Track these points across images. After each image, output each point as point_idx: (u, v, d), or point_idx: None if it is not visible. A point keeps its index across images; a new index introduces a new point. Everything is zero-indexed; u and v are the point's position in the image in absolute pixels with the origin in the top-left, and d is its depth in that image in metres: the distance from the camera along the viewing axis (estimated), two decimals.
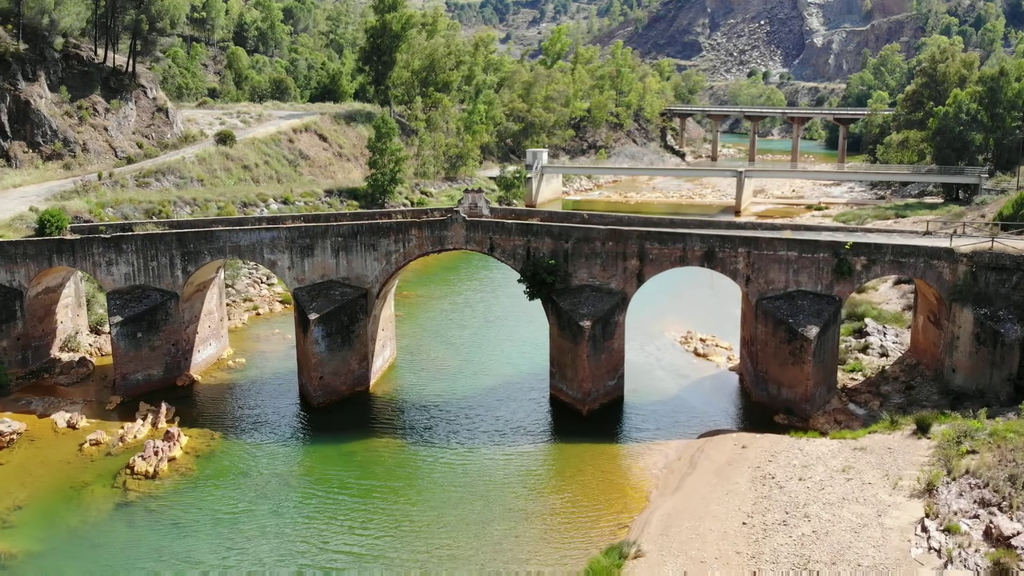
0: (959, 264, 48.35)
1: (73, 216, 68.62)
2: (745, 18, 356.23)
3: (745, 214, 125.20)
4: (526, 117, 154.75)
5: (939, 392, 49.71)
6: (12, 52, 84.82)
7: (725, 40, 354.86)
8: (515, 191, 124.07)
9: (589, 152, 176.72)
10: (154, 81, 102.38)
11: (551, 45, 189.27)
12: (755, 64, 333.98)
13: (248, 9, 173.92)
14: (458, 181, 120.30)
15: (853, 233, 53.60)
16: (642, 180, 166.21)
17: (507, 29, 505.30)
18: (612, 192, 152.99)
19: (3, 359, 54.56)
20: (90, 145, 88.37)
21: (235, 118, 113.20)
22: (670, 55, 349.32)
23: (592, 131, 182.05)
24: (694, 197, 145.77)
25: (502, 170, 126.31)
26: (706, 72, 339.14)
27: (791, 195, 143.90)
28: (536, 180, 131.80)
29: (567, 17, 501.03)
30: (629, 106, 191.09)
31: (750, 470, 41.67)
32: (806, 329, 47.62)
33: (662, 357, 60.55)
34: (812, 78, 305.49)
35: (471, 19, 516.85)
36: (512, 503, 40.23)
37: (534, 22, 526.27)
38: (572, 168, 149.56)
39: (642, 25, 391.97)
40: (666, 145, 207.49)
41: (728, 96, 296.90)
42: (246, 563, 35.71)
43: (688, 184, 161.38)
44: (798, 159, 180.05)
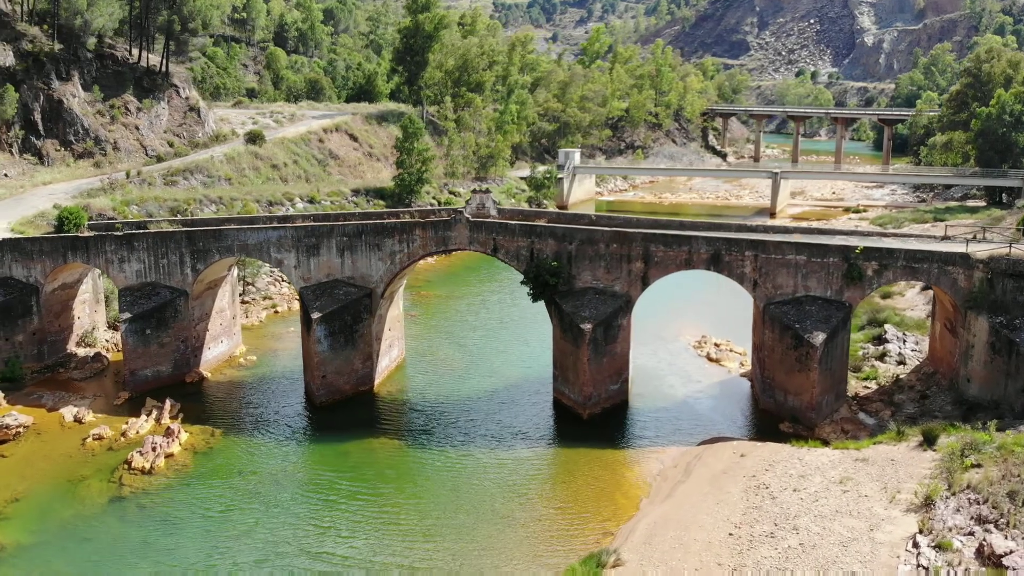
0: (975, 270, 46.67)
1: (97, 214, 70.10)
2: (795, 17, 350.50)
3: (780, 216, 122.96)
4: (561, 117, 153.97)
5: (953, 402, 48.08)
6: (47, 52, 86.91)
7: (774, 39, 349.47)
8: (545, 191, 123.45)
9: (627, 152, 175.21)
10: (187, 81, 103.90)
11: (590, 45, 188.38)
12: (804, 64, 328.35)
13: (289, 10, 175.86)
14: (488, 181, 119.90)
15: (868, 237, 52.16)
16: (680, 181, 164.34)
17: (554, 29, 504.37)
18: (647, 193, 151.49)
19: (19, 353, 55.72)
20: (121, 144, 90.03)
21: (268, 118, 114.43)
22: (717, 54, 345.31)
23: (630, 131, 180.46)
24: (730, 198, 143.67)
25: (532, 170, 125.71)
26: (753, 72, 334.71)
27: (831, 197, 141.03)
28: (568, 180, 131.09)
29: (615, 16, 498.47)
30: (669, 106, 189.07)
31: (745, 479, 40.69)
32: (812, 335, 46.38)
33: (673, 361, 59.57)
34: (862, 78, 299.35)
35: (518, 19, 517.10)
36: (499, 508, 39.80)
37: (581, 21, 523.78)
38: (604, 168, 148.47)
39: (689, 24, 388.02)
40: (707, 145, 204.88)
41: (775, 96, 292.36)
42: (226, 562, 35.82)
43: (726, 185, 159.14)
44: (842, 160, 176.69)
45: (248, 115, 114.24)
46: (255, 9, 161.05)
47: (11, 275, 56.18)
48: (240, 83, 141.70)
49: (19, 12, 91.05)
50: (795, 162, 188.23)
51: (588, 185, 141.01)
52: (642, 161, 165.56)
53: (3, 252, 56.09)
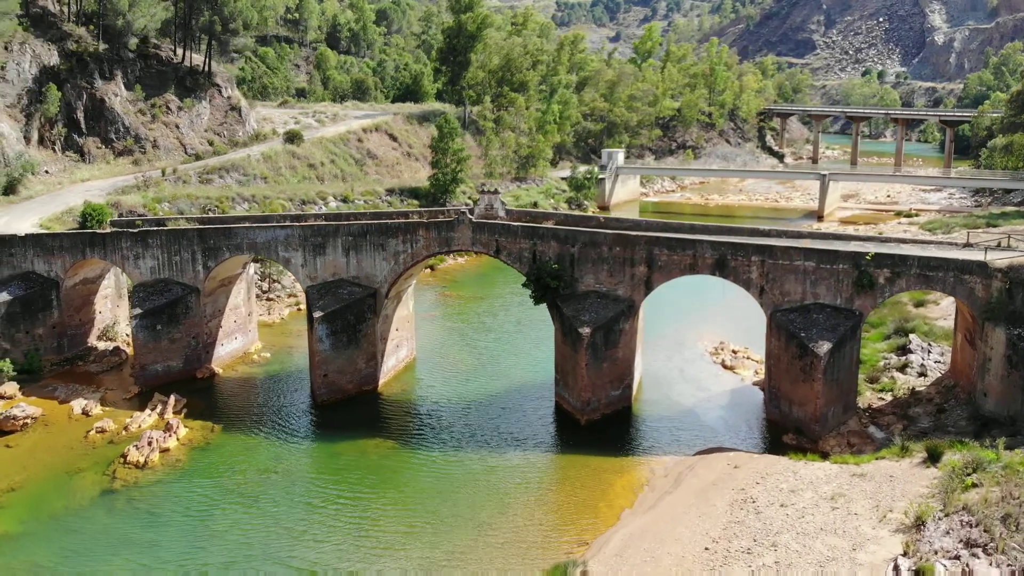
0: (993, 280, 44.41)
1: (127, 210, 71.65)
2: (863, 15, 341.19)
3: (828, 220, 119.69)
4: (608, 116, 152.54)
5: (968, 417, 45.89)
6: (91, 52, 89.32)
7: (840, 38, 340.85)
8: (586, 192, 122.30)
9: (678, 152, 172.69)
10: (230, 80, 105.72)
11: (642, 43, 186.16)
12: (871, 63, 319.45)
13: (342, 11, 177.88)
14: (528, 182, 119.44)
15: (886, 243, 50.06)
16: (732, 182, 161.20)
17: (617, 28, 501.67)
18: (695, 194, 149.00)
19: (39, 346, 57.18)
20: (160, 142, 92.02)
21: (310, 117, 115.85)
22: (781, 53, 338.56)
23: (682, 131, 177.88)
24: (780, 201, 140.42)
25: (572, 170, 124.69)
26: (819, 71, 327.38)
27: (885, 201, 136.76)
28: (610, 181, 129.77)
29: (679, 15, 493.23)
30: (723, 105, 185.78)
31: (733, 492, 39.39)
32: (817, 345, 44.71)
33: (685, 368, 58.22)
34: (931, 78, 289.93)
35: (580, 18, 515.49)
36: (479, 514, 39.24)
37: (645, 20, 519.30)
38: (648, 169, 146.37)
39: (753, 22, 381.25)
40: (764, 146, 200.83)
41: (840, 96, 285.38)
42: (196, 562, 35.94)
43: (778, 187, 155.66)
44: (902, 162, 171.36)
45: (291, 115, 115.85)
46: (307, 10, 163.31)
47: (33, 270, 57.70)
48: (289, 83, 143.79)
49: (67, 13, 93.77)
50: (854, 164, 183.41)
51: (632, 186, 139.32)
52: (692, 161, 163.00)
53: (26, 247, 57.63)
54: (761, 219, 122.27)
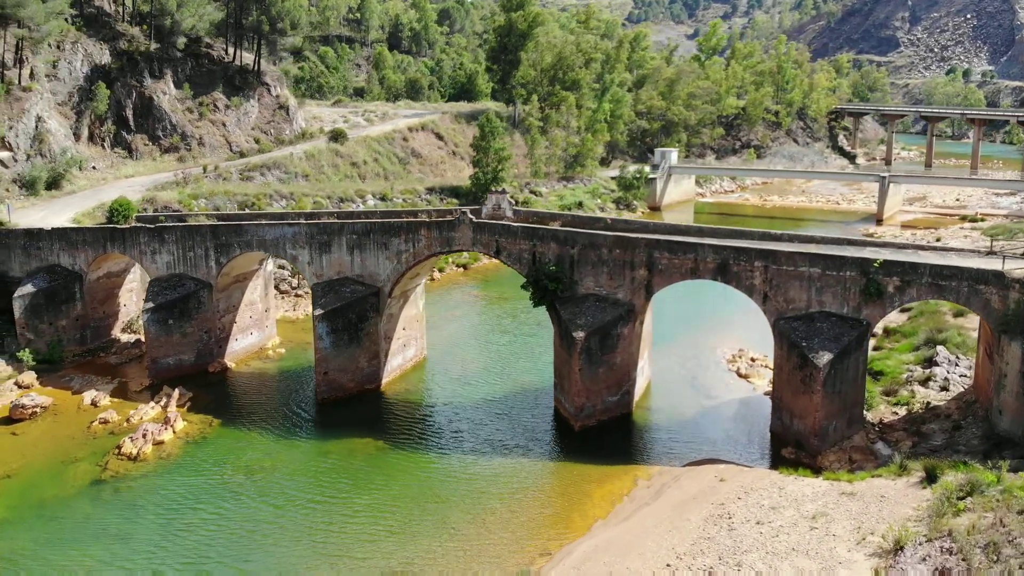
0: (1010, 290, 41.71)
1: (162, 206, 73.40)
2: (950, 11, 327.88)
3: (888, 223, 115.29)
4: (666, 115, 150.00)
5: (982, 436, 43.25)
6: (141, 51, 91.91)
7: (926, 35, 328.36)
8: (635, 192, 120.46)
9: (741, 152, 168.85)
10: (280, 79, 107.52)
11: (706, 40, 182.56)
12: (957, 61, 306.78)
13: (405, 10, 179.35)
14: (575, 181, 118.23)
15: (902, 250, 47.58)
16: (796, 183, 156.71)
17: (696, 25, 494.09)
18: (754, 195, 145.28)
19: (62, 337, 58.88)
20: (206, 140, 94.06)
21: (360, 116, 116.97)
22: (863, 51, 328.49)
23: (747, 130, 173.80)
24: (841, 203, 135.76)
25: (622, 170, 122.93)
26: (902, 69, 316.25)
27: (953, 204, 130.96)
28: (662, 181, 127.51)
29: (761, 12, 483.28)
30: (791, 104, 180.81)
31: (712, 506, 37.90)
32: (817, 355, 42.69)
33: (699, 375, 56.51)
34: (1019, 77, 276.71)
35: (658, 15, 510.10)
36: (450, 519, 38.62)
37: (725, 17, 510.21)
38: (701, 168, 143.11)
39: (835, 19, 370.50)
40: (836, 146, 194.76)
41: (923, 95, 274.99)
42: (161, 555, 36.26)
43: (844, 188, 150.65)
44: (979, 164, 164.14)
45: (341, 114, 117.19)
46: (369, 10, 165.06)
47: (58, 263, 59.49)
48: (347, 83, 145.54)
49: (121, 13, 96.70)
50: (928, 165, 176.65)
51: (686, 186, 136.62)
52: (754, 161, 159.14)
53: (52, 241, 59.44)
54: (816, 221, 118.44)
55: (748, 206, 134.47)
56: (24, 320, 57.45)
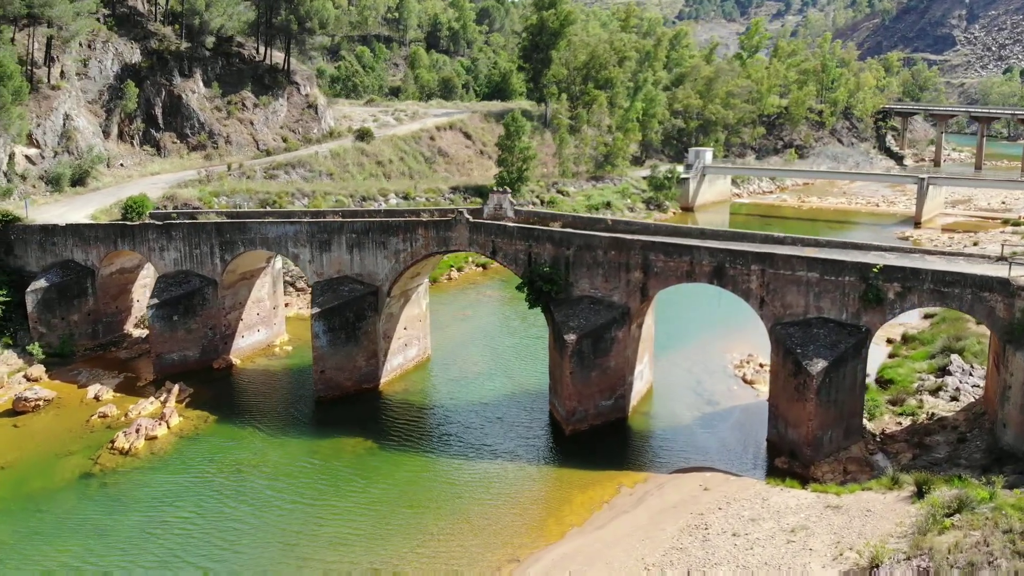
0: (1016, 298, 39.90)
1: (182, 203, 74.30)
2: (1008, 9, 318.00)
3: (927, 226, 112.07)
4: (704, 114, 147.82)
5: (985, 450, 41.52)
6: (171, 51, 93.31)
7: (983, 33, 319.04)
8: (666, 192, 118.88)
9: (783, 151, 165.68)
10: (310, 79, 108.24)
11: (748, 38, 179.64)
12: (1015, 60, 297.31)
13: (444, 10, 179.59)
14: (604, 181, 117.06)
15: (909, 255, 45.88)
16: (840, 184, 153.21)
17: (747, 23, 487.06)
18: (793, 196, 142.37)
19: (74, 331, 59.89)
20: (234, 138, 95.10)
21: (390, 115, 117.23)
22: (918, 49, 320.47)
23: (789, 129, 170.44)
24: (880, 205, 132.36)
25: (652, 170, 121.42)
26: (958, 68, 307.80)
27: (999, 207, 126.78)
28: (695, 181, 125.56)
29: (815, 9, 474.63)
30: (836, 103, 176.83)
31: (691, 516, 36.94)
32: (811, 362, 41.35)
33: (703, 380, 55.30)
34: None
35: (710, 13, 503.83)
36: (424, 523, 38.24)
37: (778, 15, 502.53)
38: (735, 168, 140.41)
39: (889, 17, 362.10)
40: (883, 147, 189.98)
41: (979, 94, 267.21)
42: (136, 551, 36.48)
43: (887, 190, 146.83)
44: None
45: (371, 113, 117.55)
46: (407, 9, 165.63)
47: (72, 258, 60.52)
48: (382, 82, 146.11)
49: (154, 12, 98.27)
50: (979, 167, 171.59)
51: (721, 186, 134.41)
52: (794, 162, 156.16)
53: (66, 237, 60.50)
54: (851, 224, 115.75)
55: (785, 207, 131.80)
56: (36, 314, 58.57)
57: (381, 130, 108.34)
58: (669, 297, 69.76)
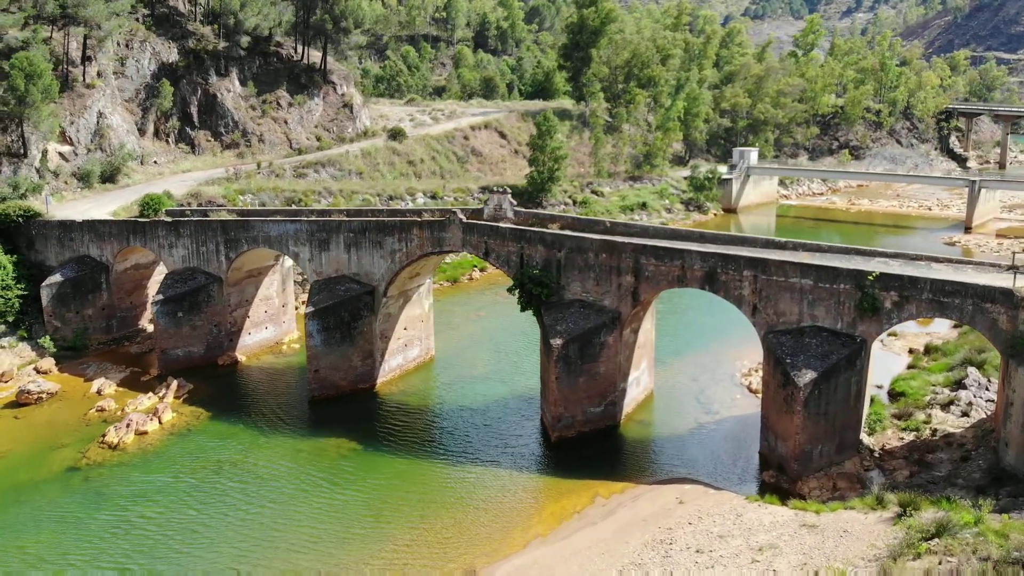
0: (1019, 310, 37.57)
1: (206, 201, 75.24)
2: None
3: (978, 231, 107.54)
4: (753, 113, 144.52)
5: (986, 470, 39.26)
6: (207, 50, 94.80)
7: None
8: (707, 193, 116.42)
9: (839, 152, 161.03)
10: (346, 78, 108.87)
11: (803, 36, 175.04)
12: None
13: (493, 8, 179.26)
14: (642, 181, 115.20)
15: (914, 262, 43.64)
16: (896, 186, 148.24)
17: None
18: (843, 198, 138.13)
19: (88, 325, 61.05)
20: (267, 136, 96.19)
21: (426, 115, 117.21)
22: (991, 48, 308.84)
23: (845, 129, 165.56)
24: (932, 208, 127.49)
25: (693, 170, 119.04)
26: None
27: None
28: (738, 182, 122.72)
29: (887, 6, 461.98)
30: (895, 103, 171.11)
31: (658, 530, 35.64)
32: (799, 373, 39.60)
33: (707, 388, 53.62)
34: None
35: (777, 11, 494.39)
36: (388, 528, 37.69)
37: (847, 12, 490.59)
38: (781, 169, 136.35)
39: (962, 15, 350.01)
40: (946, 148, 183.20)
41: None
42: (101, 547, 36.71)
43: (943, 193, 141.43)
44: None
45: (408, 112, 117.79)
46: (455, 9, 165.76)
47: (88, 253, 61.72)
48: (426, 81, 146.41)
49: (194, 12, 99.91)
50: None
51: (767, 187, 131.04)
52: (848, 163, 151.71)
53: (83, 233, 61.72)
54: (898, 228, 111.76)
55: (834, 210, 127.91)
56: (51, 308, 59.84)
57: (417, 129, 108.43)
58: (685, 302, 68.43)
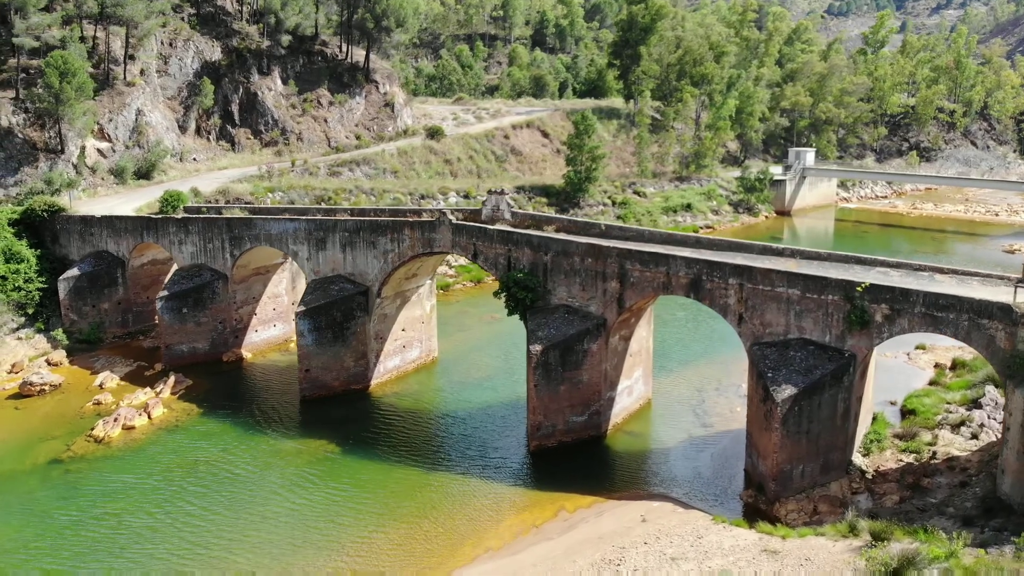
0: (1019, 327, 34.65)
1: (233, 198, 76.00)
2: None
3: None
4: (814, 112, 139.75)
5: (980, 498, 36.38)
6: (250, 49, 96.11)
7: None
8: (758, 195, 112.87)
9: (908, 154, 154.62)
10: (390, 77, 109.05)
11: (873, 33, 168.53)
12: None
13: (553, 6, 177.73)
14: (689, 181, 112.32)
15: (917, 272, 40.83)
16: (968, 191, 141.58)
17: (904, 17, 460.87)
18: (907, 202, 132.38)
19: (104, 319, 62.26)
20: (305, 135, 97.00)
21: (470, 114, 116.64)
22: None
23: (916, 130, 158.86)
24: (1000, 214, 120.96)
25: (743, 171, 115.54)
26: None
27: None
28: (792, 184, 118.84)
29: (979, 3, 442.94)
30: (970, 103, 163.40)
31: (610, 549, 34.02)
32: (778, 388, 37.38)
33: (707, 399, 51.44)
34: None
35: (863, 7, 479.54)
36: (341, 533, 36.99)
37: (937, 9, 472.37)
38: (839, 171, 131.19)
39: None
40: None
41: None
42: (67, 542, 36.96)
43: (1018, 198, 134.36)
44: None
45: (452, 111, 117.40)
46: (512, 7, 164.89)
47: (106, 248, 62.95)
48: (479, 80, 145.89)
49: (241, 11, 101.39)
50: None
51: (824, 189, 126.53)
52: (916, 166, 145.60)
53: (101, 228, 62.96)
54: (956, 234, 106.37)
55: (893, 214, 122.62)
56: (68, 301, 61.19)
57: (460, 128, 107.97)
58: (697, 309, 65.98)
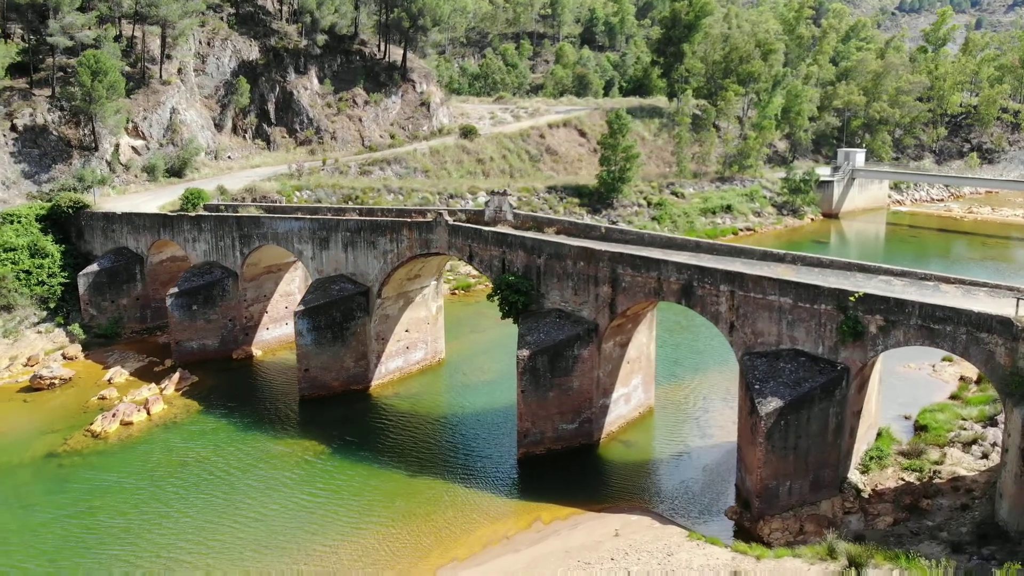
0: (1019, 342, 32.47)
1: (260, 196, 76.59)
2: None
3: None
4: (868, 112, 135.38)
5: (976, 523, 34.29)
6: (287, 48, 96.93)
7: None
8: (803, 197, 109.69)
9: (969, 155, 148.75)
10: (427, 76, 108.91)
11: (934, 30, 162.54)
12: None
13: (604, 4, 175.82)
14: (732, 182, 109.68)
15: (922, 281, 38.68)
16: None
17: (979, 14, 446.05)
18: (964, 205, 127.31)
19: (122, 314, 63.24)
20: (340, 134, 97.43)
21: (508, 113, 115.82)
22: None
23: (979, 131, 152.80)
24: None
25: (788, 171, 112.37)
26: None
27: None
28: (841, 185, 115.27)
29: None
30: None
31: (575, 564, 32.95)
32: (763, 401, 35.75)
33: (711, 409, 49.76)
34: None
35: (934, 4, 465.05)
36: (310, 537, 36.56)
37: (1014, 6, 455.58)
38: (889, 173, 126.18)
39: None
40: None
41: None
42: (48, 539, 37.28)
43: None
44: None
45: (490, 110, 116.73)
46: (561, 5, 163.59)
47: (126, 245, 63.96)
48: (523, 79, 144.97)
49: (281, 11, 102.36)
50: None
51: (875, 192, 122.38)
52: (978, 169, 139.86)
53: (122, 225, 63.98)
54: (1008, 240, 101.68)
55: (946, 218, 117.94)
56: (88, 296, 62.29)
57: (496, 127, 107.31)
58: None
